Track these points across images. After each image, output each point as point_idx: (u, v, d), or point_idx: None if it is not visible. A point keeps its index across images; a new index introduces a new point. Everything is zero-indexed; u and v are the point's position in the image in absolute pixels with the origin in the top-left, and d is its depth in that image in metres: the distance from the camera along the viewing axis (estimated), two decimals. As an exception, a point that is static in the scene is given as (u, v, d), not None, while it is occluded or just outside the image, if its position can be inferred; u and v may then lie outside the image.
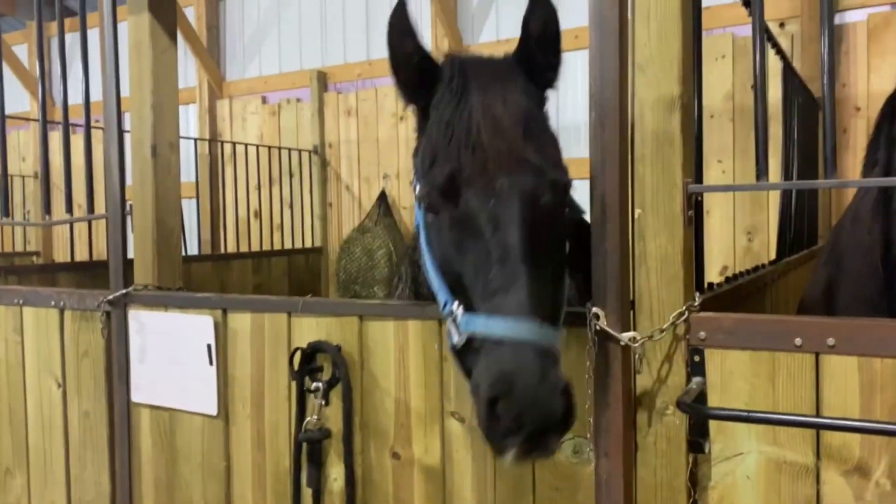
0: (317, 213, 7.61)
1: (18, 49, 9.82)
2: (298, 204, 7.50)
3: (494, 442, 1.46)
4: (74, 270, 5.11)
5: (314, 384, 2.16)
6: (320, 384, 2.14)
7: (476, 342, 1.55)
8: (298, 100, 7.90)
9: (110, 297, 2.65)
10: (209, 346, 2.40)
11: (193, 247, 7.72)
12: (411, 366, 2.07)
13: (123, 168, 2.73)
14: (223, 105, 8.48)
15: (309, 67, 7.87)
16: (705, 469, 1.73)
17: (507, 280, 1.53)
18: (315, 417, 2.16)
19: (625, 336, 1.72)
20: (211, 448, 2.47)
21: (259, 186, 7.31)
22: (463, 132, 1.67)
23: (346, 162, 7.58)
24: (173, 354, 2.50)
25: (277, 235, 7.49)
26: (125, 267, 2.70)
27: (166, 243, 2.73)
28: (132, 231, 2.76)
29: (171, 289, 2.70)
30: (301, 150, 7.57)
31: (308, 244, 7.50)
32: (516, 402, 1.40)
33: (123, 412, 2.66)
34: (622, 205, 1.75)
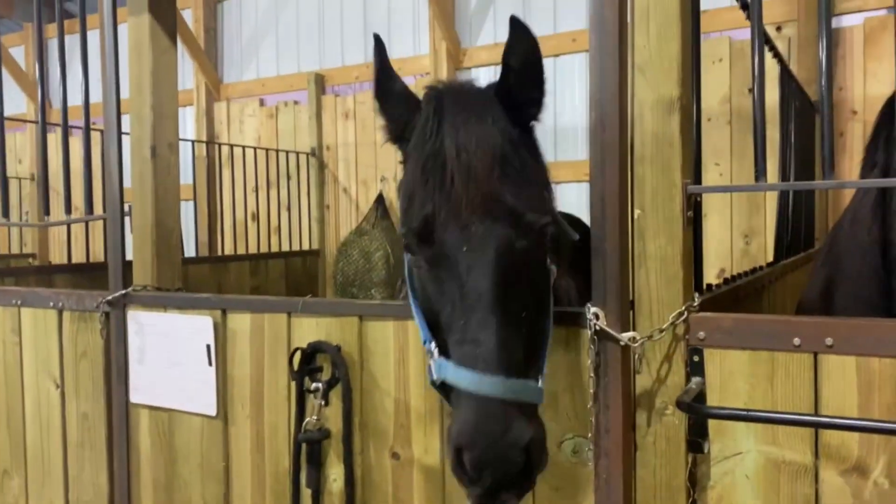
0: (314, 216, 7.61)
1: (15, 51, 9.81)
2: (296, 206, 7.50)
3: (462, 485, 1.54)
4: (71, 272, 5.10)
5: (314, 384, 2.16)
6: (320, 384, 2.15)
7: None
8: (296, 102, 7.91)
9: (109, 298, 2.65)
10: (208, 347, 2.41)
11: (191, 249, 7.71)
12: (411, 366, 2.08)
13: (122, 168, 2.73)
14: (221, 107, 8.48)
15: (307, 70, 7.87)
16: (704, 469, 1.74)
17: (476, 331, 1.54)
18: (315, 418, 2.16)
19: (624, 336, 1.73)
20: (210, 448, 2.47)
21: (256, 189, 7.31)
22: (437, 175, 1.64)
23: (344, 164, 7.58)
24: (172, 355, 2.50)
25: (275, 238, 7.48)
26: (124, 268, 2.70)
27: (165, 244, 2.73)
28: (131, 232, 2.76)
29: (171, 289, 2.70)
30: (299, 153, 7.57)
31: (305, 247, 7.50)
32: (476, 456, 1.46)
33: (122, 413, 2.66)
34: (622, 205, 1.76)
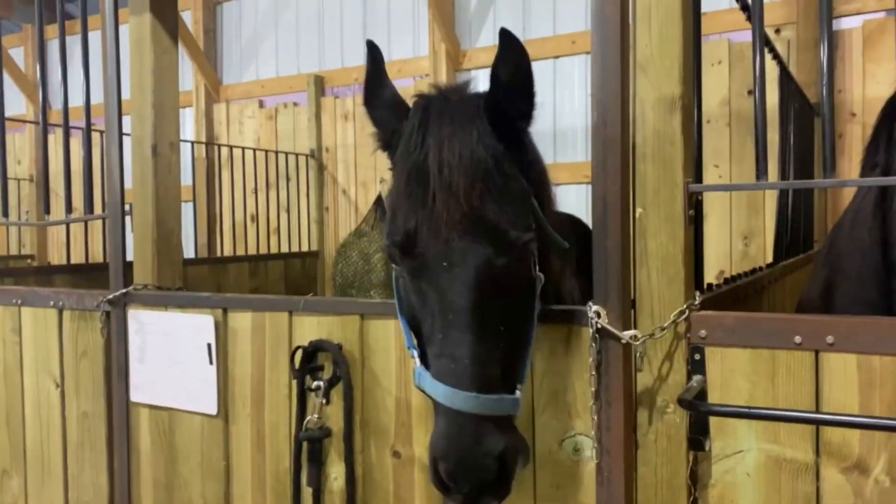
0: (313, 217, 7.60)
1: (14, 52, 9.81)
2: (295, 208, 7.50)
3: (441, 493, 1.61)
4: (70, 273, 5.10)
5: (315, 383, 2.16)
6: (321, 383, 2.15)
7: None
8: (295, 104, 7.91)
9: (110, 297, 2.65)
10: (209, 346, 2.41)
11: (190, 250, 7.70)
12: (412, 365, 2.08)
13: (123, 167, 2.73)
14: (220, 109, 8.48)
15: (306, 71, 7.87)
16: (705, 467, 1.74)
17: (453, 347, 1.57)
18: (316, 416, 2.16)
19: (626, 334, 1.73)
20: (210, 448, 2.46)
21: (256, 190, 7.31)
22: (420, 190, 1.64)
23: (343, 166, 7.58)
24: (173, 354, 2.50)
25: (274, 239, 7.48)
26: (125, 267, 2.70)
27: (166, 243, 2.73)
28: (132, 231, 2.76)
29: (171, 289, 2.70)
30: (298, 154, 7.57)
31: (305, 248, 7.50)
32: (449, 467, 1.52)
33: (122, 412, 2.65)
34: (623, 204, 1.76)
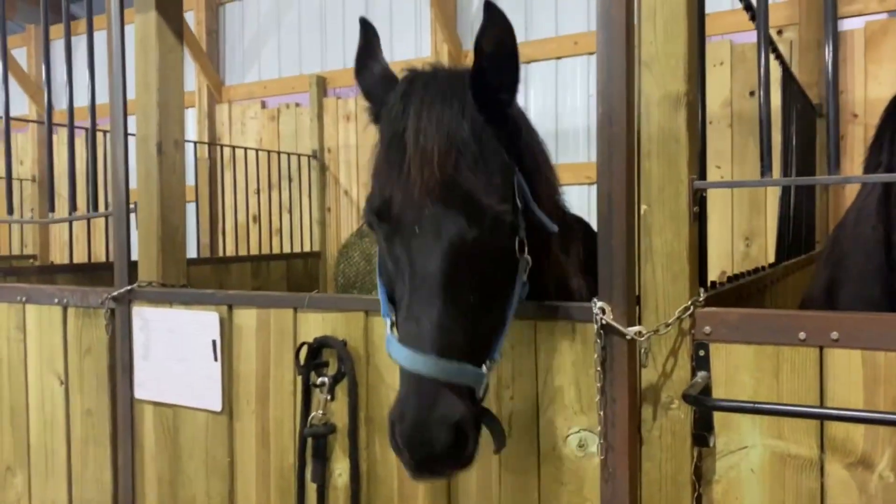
0: (315, 218, 7.61)
1: (17, 52, 9.83)
2: (297, 208, 7.51)
3: (399, 458, 1.59)
4: (73, 272, 5.11)
5: (320, 379, 2.17)
6: (326, 379, 2.15)
7: None
8: (298, 104, 7.92)
9: (114, 294, 2.66)
10: (214, 342, 2.41)
11: (192, 250, 7.70)
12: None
13: (128, 165, 2.74)
14: (222, 109, 8.49)
15: (308, 72, 7.89)
16: (710, 463, 1.74)
17: (418, 311, 1.59)
18: (320, 412, 2.17)
19: (631, 330, 1.74)
20: (215, 444, 2.47)
21: (258, 191, 7.32)
22: (398, 157, 1.67)
23: (345, 167, 7.59)
24: (177, 351, 2.51)
25: (276, 240, 7.49)
26: (129, 264, 2.71)
27: (171, 241, 2.74)
28: (136, 229, 2.77)
29: (176, 286, 2.70)
30: (300, 155, 7.58)
31: (307, 248, 7.51)
32: (404, 430, 1.52)
33: (126, 409, 2.66)
34: (629, 200, 1.77)
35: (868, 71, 5.18)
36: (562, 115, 6.49)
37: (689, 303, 1.74)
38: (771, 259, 4.23)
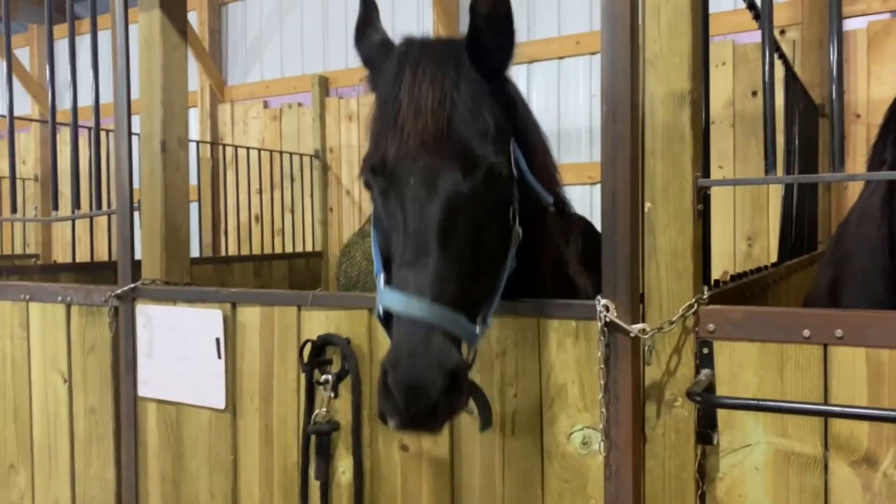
0: (317, 218, 7.62)
1: (20, 52, 9.84)
2: (299, 208, 7.52)
3: (381, 409, 1.53)
4: (76, 271, 5.11)
5: (323, 377, 2.17)
6: (330, 376, 2.15)
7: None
8: (300, 104, 7.93)
9: (118, 292, 2.66)
10: (218, 340, 2.41)
11: (195, 250, 7.71)
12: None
13: (131, 163, 2.74)
14: (225, 109, 8.50)
15: (311, 72, 7.89)
16: (713, 460, 1.74)
17: (413, 257, 1.58)
18: (324, 410, 2.17)
19: (634, 328, 1.74)
20: (218, 442, 2.47)
21: (260, 190, 7.33)
22: (393, 112, 1.70)
23: (347, 167, 7.60)
24: (181, 348, 2.51)
25: (278, 239, 7.50)
26: (132, 262, 2.71)
27: (174, 239, 2.74)
28: (140, 227, 2.77)
29: (180, 284, 2.71)
30: (302, 155, 7.59)
31: (309, 248, 7.51)
32: (396, 377, 1.45)
33: (130, 407, 2.66)
34: (633, 198, 1.77)
35: (871, 71, 5.17)
36: (564, 115, 6.49)
37: (693, 300, 1.74)
38: (773, 259, 4.23)
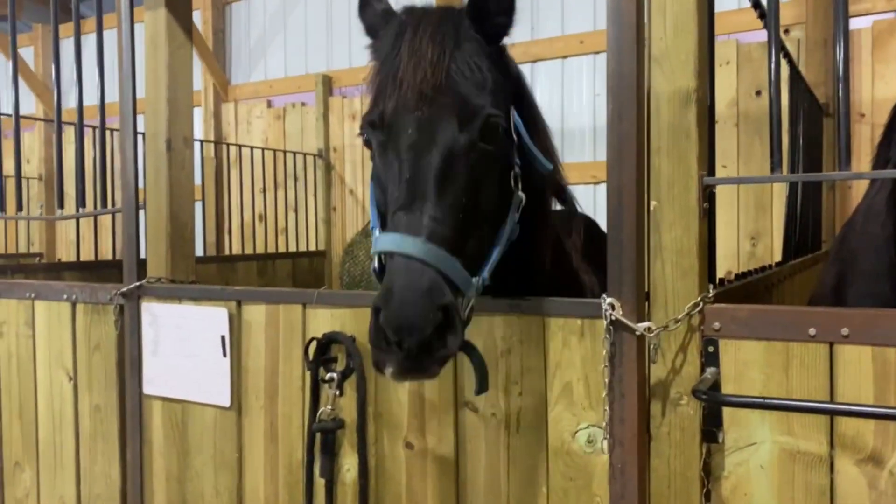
0: (321, 217, 7.63)
1: (24, 52, 9.87)
2: (303, 207, 7.53)
3: (375, 354, 1.51)
4: (80, 270, 5.13)
5: (328, 374, 2.17)
6: (335, 374, 2.16)
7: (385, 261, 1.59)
8: (303, 104, 7.94)
9: (123, 290, 2.67)
10: (223, 338, 2.42)
11: (199, 249, 7.73)
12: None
13: (137, 162, 2.75)
14: (228, 109, 8.52)
15: (314, 71, 7.90)
16: (719, 459, 1.74)
17: (408, 201, 1.58)
18: (329, 407, 2.17)
19: (640, 326, 1.74)
20: (223, 440, 2.48)
21: (264, 190, 7.34)
22: (392, 71, 1.72)
23: (351, 166, 7.61)
24: (186, 346, 2.52)
25: (282, 238, 7.51)
26: (138, 260, 2.71)
27: (180, 237, 2.74)
28: (145, 226, 2.77)
29: (185, 282, 2.71)
30: (306, 154, 7.60)
31: (312, 247, 7.53)
32: (391, 311, 1.42)
33: (135, 405, 2.67)
34: (638, 197, 1.77)
35: (875, 70, 5.17)
36: (567, 115, 6.49)
37: (699, 299, 1.73)
38: (777, 259, 4.22)
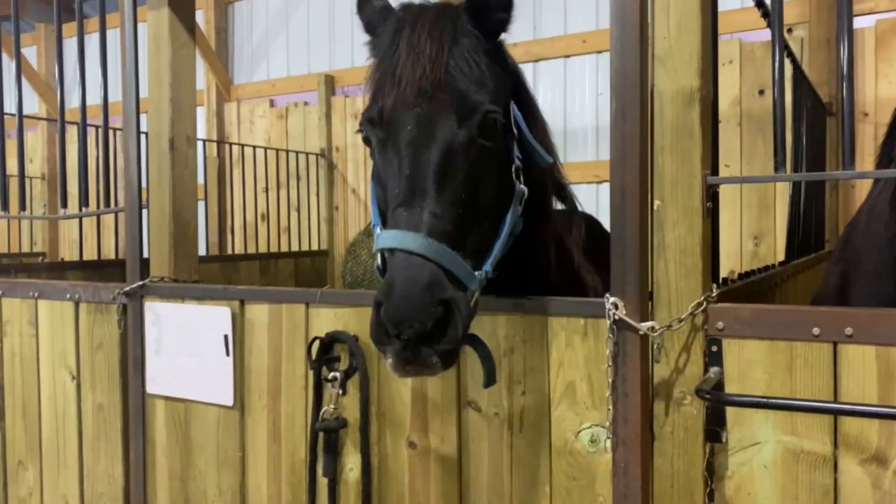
0: (323, 216, 7.64)
1: (27, 51, 9.88)
2: (305, 207, 7.54)
3: (378, 347, 1.51)
4: (83, 269, 5.14)
5: (331, 374, 2.17)
6: (337, 374, 2.16)
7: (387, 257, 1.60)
8: (306, 103, 7.94)
9: (126, 289, 2.67)
10: (226, 337, 2.42)
11: (201, 248, 7.74)
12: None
13: (140, 161, 2.75)
14: (231, 108, 8.52)
15: (317, 71, 7.90)
16: (722, 458, 1.74)
17: (408, 197, 1.59)
18: (332, 406, 2.17)
19: (643, 326, 1.74)
20: (226, 439, 2.48)
21: (266, 189, 7.34)
22: (390, 67, 1.72)
23: (353, 165, 7.61)
24: (189, 345, 2.52)
25: (284, 238, 7.52)
26: (141, 259, 2.72)
27: (183, 236, 2.75)
28: (148, 225, 2.78)
29: (188, 281, 2.71)
30: (308, 154, 7.60)
31: (314, 247, 7.53)
32: (392, 305, 1.43)
33: (138, 404, 2.67)
34: (642, 196, 1.77)
35: (878, 69, 5.16)
36: (570, 114, 6.48)
37: (703, 298, 1.73)
38: (780, 258, 4.22)
